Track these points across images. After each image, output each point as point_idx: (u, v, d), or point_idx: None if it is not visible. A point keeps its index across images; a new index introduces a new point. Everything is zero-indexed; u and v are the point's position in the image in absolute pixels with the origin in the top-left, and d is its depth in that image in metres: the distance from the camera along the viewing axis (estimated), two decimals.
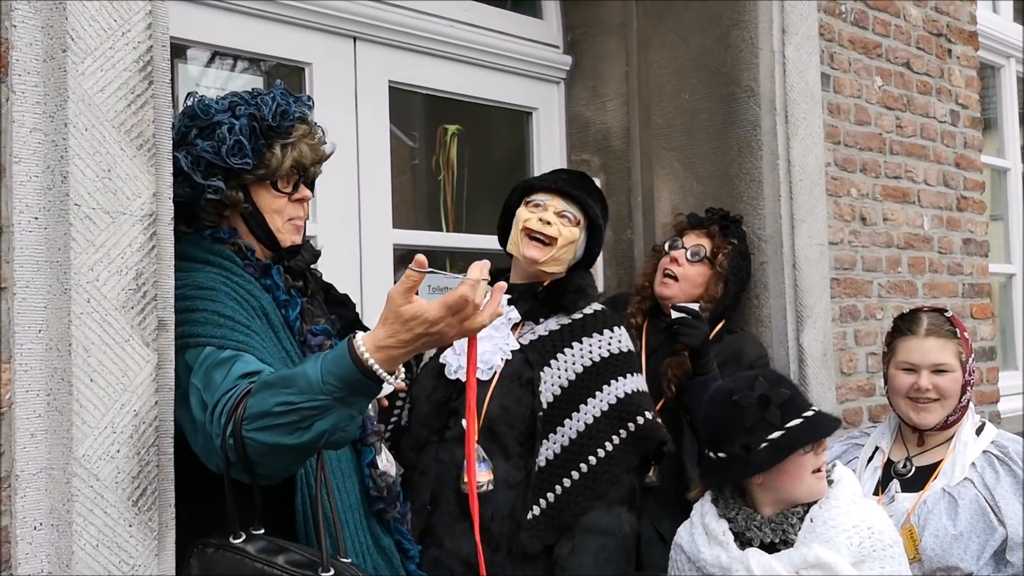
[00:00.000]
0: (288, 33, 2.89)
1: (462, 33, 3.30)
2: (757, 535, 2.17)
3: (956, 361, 2.53)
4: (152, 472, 1.71)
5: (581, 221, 2.50)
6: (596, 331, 2.48)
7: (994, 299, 5.02)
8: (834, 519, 2.12)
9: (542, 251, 2.46)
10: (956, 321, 2.60)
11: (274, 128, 1.88)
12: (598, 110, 3.60)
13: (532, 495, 2.33)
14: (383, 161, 3.11)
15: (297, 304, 1.92)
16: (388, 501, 1.99)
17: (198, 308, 1.77)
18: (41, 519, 1.62)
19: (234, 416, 1.60)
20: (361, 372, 1.58)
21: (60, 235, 1.63)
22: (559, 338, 2.46)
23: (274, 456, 1.62)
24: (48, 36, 1.65)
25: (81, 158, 1.64)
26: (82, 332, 1.63)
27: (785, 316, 3.16)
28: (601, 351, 2.46)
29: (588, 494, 2.34)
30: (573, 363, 2.43)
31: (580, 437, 2.37)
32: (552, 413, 2.38)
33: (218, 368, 1.69)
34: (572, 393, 2.40)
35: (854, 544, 2.09)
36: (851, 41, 3.61)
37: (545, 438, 2.36)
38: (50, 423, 1.63)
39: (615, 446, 2.38)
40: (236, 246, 1.90)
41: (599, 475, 2.35)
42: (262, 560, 1.68)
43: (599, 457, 2.36)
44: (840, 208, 3.49)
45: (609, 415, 2.39)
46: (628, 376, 2.46)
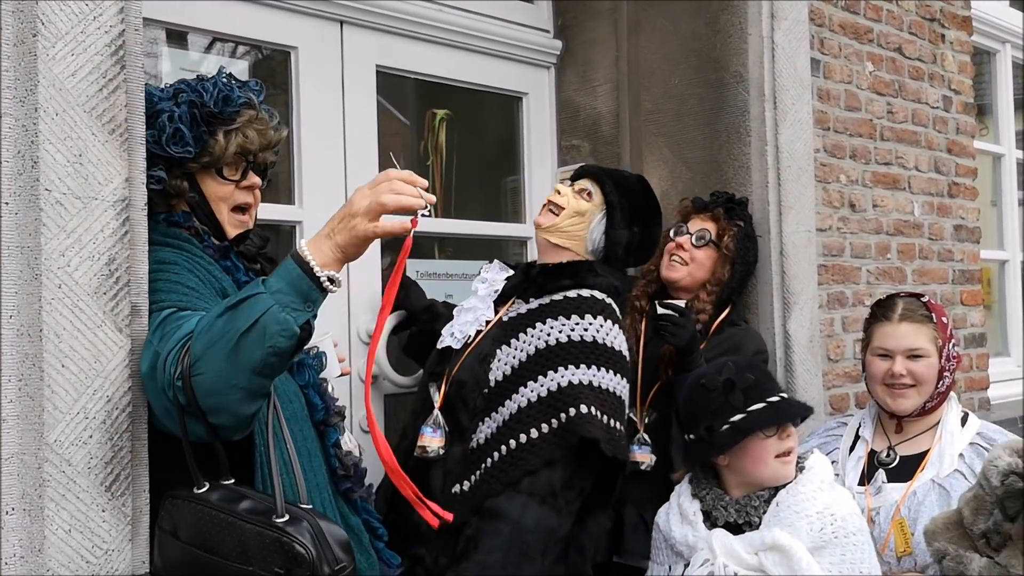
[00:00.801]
0: (274, 17, 2.88)
1: (451, 17, 3.28)
2: (723, 515, 2.23)
3: (931, 346, 2.50)
4: (125, 458, 1.71)
5: (596, 196, 2.54)
6: (564, 315, 2.39)
7: (991, 285, 5.02)
8: (798, 504, 2.15)
9: (547, 217, 2.53)
10: (933, 306, 2.57)
11: (216, 115, 1.87)
12: (588, 95, 3.58)
13: (462, 472, 2.32)
14: (371, 146, 3.10)
15: None
16: (355, 480, 2.01)
17: (160, 279, 1.78)
18: (13, 504, 1.63)
19: (181, 357, 1.61)
20: (295, 261, 1.66)
21: (31, 220, 1.63)
22: (529, 318, 2.44)
23: (221, 385, 1.60)
24: (18, 20, 1.64)
25: (52, 143, 1.64)
26: (53, 318, 1.63)
27: (772, 302, 3.15)
28: (560, 336, 2.36)
29: (500, 477, 2.27)
30: (528, 344, 2.38)
31: (511, 419, 2.31)
32: (497, 391, 2.35)
33: (174, 321, 1.69)
34: (519, 374, 2.35)
35: (815, 530, 2.12)
36: (842, 26, 3.59)
37: (488, 416, 2.34)
38: (21, 408, 1.63)
39: (541, 434, 2.27)
40: (192, 229, 1.91)
41: (515, 460, 2.27)
42: (220, 508, 1.68)
43: (520, 443, 2.28)
44: (829, 194, 3.48)
45: (544, 401, 2.29)
46: (580, 367, 2.31)
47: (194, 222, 1.91)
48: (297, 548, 1.61)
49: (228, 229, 1.95)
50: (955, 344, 2.56)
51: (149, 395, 1.72)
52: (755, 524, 2.19)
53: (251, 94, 1.94)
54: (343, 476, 2.00)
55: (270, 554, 1.62)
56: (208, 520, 1.66)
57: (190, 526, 1.67)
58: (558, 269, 2.50)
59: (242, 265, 1.94)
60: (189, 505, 1.69)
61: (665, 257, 2.97)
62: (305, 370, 1.98)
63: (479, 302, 2.53)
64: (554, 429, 2.28)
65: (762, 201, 3.18)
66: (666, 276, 2.96)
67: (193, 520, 1.67)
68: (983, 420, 2.57)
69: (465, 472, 2.32)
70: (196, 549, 1.65)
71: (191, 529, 1.67)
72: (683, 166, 3.33)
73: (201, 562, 1.65)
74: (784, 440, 2.21)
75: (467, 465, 2.33)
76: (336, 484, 1.98)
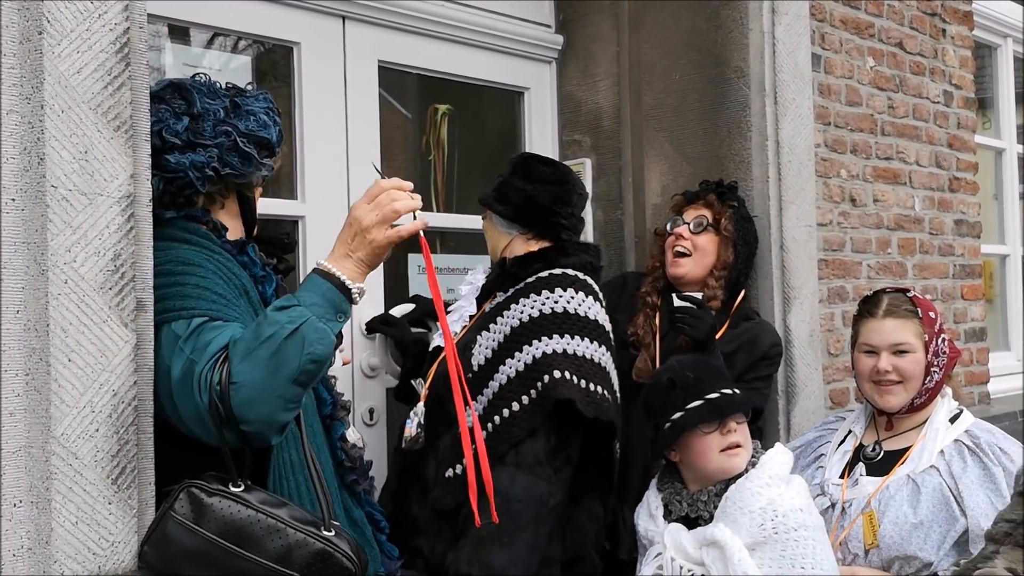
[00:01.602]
0: (277, 12, 2.89)
1: (452, 12, 3.30)
2: (677, 509, 2.30)
3: (917, 341, 2.47)
4: (131, 451, 1.73)
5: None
6: (535, 292, 2.42)
7: (992, 279, 5.03)
8: (743, 499, 2.17)
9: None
10: (919, 301, 2.54)
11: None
12: (589, 90, 3.59)
13: (454, 456, 2.34)
14: (372, 141, 3.11)
15: (273, 280, 1.96)
16: (359, 473, 2.06)
17: (187, 283, 1.80)
18: (21, 496, 1.64)
19: (218, 366, 1.67)
20: (322, 276, 1.79)
21: (37, 216, 1.65)
22: (504, 304, 2.49)
23: (260, 394, 1.66)
24: (24, 18, 1.66)
25: (58, 140, 1.66)
26: (60, 313, 1.65)
27: (772, 297, 3.17)
28: (532, 311, 2.40)
29: (489, 454, 2.23)
30: (504, 326, 2.43)
31: (494, 397, 2.37)
32: (480, 376, 2.40)
33: (209, 332, 1.73)
34: (498, 356, 2.40)
35: (755, 526, 2.13)
36: (843, 21, 3.60)
37: (474, 399, 2.36)
38: (29, 402, 1.65)
39: (522, 406, 2.31)
40: (211, 224, 1.93)
41: (499, 435, 2.31)
42: (264, 511, 1.72)
43: (503, 417, 2.32)
44: (830, 189, 3.49)
45: (523, 375, 2.33)
46: (554, 337, 2.35)
47: (212, 217, 1.95)
48: (345, 563, 1.74)
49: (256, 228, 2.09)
50: (944, 339, 2.53)
51: (178, 401, 1.74)
52: (706, 518, 2.24)
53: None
54: (349, 469, 2.05)
55: (314, 563, 1.71)
56: (248, 519, 1.70)
57: (222, 520, 1.70)
58: (528, 256, 2.55)
59: (259, 260, 1.97)
60: (225, 501, 1.71)
61: (668, 254, 2.97)
62: None
63: (463, 301, 2.60)
64: (532, 399, 2.31)
65: (763, 196, 3.19)
66: (672, 274, 2.96)
67: (229, 515, 1.70)
68: (977, 419, 2.52)
69: (457, 456, 2.32)
70: (226, 543, 1.69)
71: (223, 523, 1.70)
72: (684, 161, 3.35)
73: (226, 555, 1.69)
74: (727, 435, 2.27)
75: (457, 449, 2.30)
76: (341, 477, 2.03)
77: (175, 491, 1.73)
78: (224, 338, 1.72)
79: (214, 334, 1.73)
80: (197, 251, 1.87)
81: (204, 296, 1.79)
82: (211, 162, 1.89)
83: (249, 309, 1.88)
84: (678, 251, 2.94)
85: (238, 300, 1.85)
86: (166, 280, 1.80)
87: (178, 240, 1.88)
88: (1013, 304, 5.12)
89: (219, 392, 1.66)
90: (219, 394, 1.66)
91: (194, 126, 1.89)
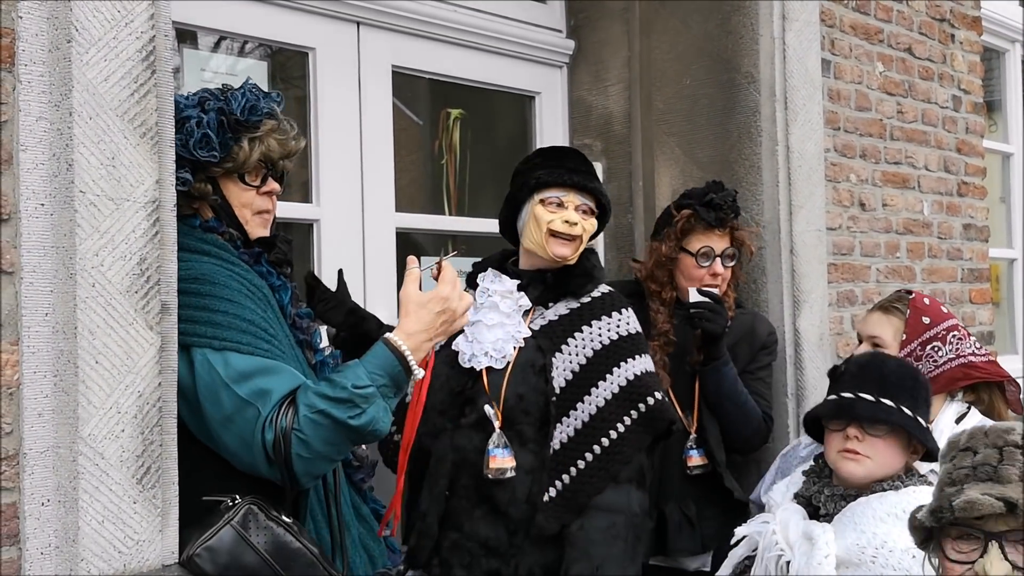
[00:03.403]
0: (292, 18, 2.92)
1: (465, 18, 3.33)
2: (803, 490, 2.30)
3: (891, 339, 2.52)
4: (156, 451, 1.76)
5: (595, 210, 2.54)
6: (605, 314, 2.51)
7: (1000, 283, 5.05)
8: (863, 515, 2.12)
9: (570, 246, 2.48)
10: (916, 304, 2.56)
11: (242, 123, 1.94)
12: (600, 95, 3.62)
13: (548, 478, 2.37)
14: (386, 145, 3.15)
15: (288, 289, 2.00)
16: (366, 471, 2.12)
17: (216, 308, 1.84)
18: (48, 495, 1.68)
19: (285, 411, 1.79)
20: (398, 359, 1.85)
21: (66, 221, 1.68)
22: (568, 323, 2.50)
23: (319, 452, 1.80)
24: (53, 27, 1.69)
25: (86, 146, 1.69)
26: (87, 316, 1.68)
27: (782, 300, 3.20)
28: (610, 334, 2.49)
29: (602, 475, 2.38)
30: (583, 347, 2.47)
31: (592, 420, 2.42)
32: (565, 397, 2.43)
33: (265, 378, 1.81)
34: (583, 377, 2.45)
35: (857, 545, 2.08)
36: (852, 27, 3.62)
37: (559, 422, 2.40)
38: (57, 403, 1.68)
39: (627, 427, 2.42)
40: (227, 234, 1.96)
41: (612, 456, 2.39)
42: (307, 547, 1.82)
43: (612, 439, 2.40)
44: (839, 194, 3.52)
45: (620, 397, 2.43)
46: (636, 358, 2.49)
47: (226, 227, 1.98)
48: None
49: (253, 231, 2.03)
50: (939, 348, 2.50)
51: (218, 430, 1.84)
52: (822, 515, 2.20)
53: (274, 105, 2.01)
54: (356, 468, 2.11)
55: None
56: (297, 551, 1.80)
57: (275, 543, 1.79)
58: (570, 272, 2.53)
59: (274, 270, 2.00)
60: (280, 528, 1.81)
61: (694, 284, 2.86)
62: (326, 370, 2.05)
63: (504, 318, 2.48)
64: (636, 420, 2.44)
65: (772, 200, 3.22)
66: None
67: (282, 541, 1.80)
68: (983, 418, 2.50)
69: (552, 478, 2.38)
70: (276, 565, 1.78)
71: (275, 546, 1.79)
72: (694, 166, 3.37)
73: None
74: (847, 439, 2.19)
75: (552, 471, 2.38)
76: (350, 475, 2.09)
77: (238, 504, 1.79)
78: (285, 387, 1.81)
79: (272, 383, 1.81)
80: (219, 265, 1.90)
81: (236, 326, 1.83)
82: None
83: (278, 324, 1.93)
84: (711, 286, 2.85)
85: (269, 323, 1.89)
86: (192, 300, 1.84)
87: (197, 252, 1.91)
88: (1021, 308, 5.14)
89: (283, 431, 1.77)
90: (283, 433, 1.77)
91: None
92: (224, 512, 1.78)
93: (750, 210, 3.23)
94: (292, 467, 1.79)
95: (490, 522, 2.38)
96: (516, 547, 2.36)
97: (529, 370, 2.43)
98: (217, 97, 1.94)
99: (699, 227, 2.86)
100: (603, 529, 2.35)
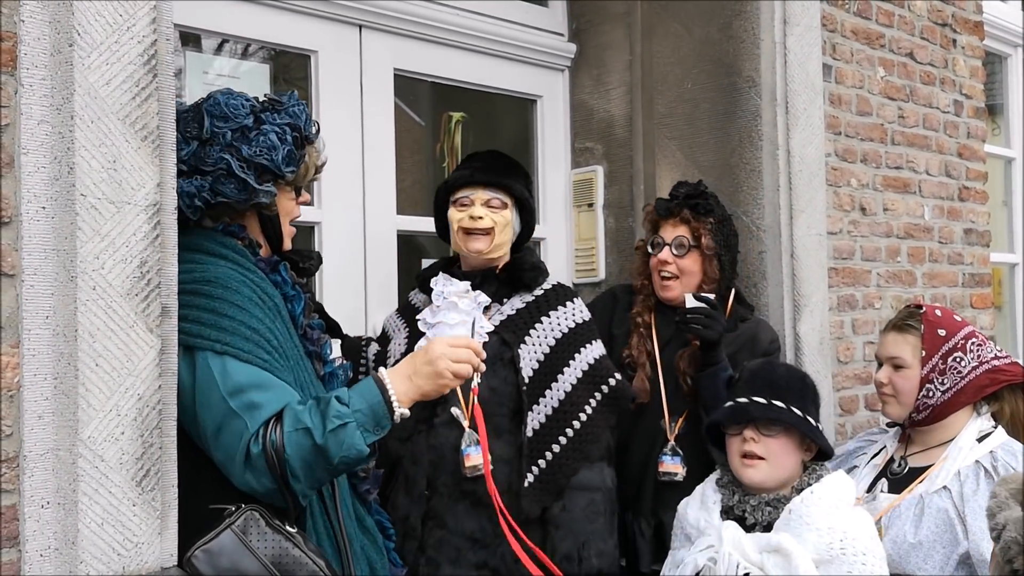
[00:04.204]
0: (294, 21, 2.93)
1: (467, 21, 3.33)
2: (726, 500, 2.37)
3: (911, 357, 2.49)
4: (155, 454, 1.77)
5: (508, 202, 2.64)
6: (560, 304, 2.67)
7: (1001, 287, 5.05)
8: (810, 515, 2.19)
9: (485, 241, 2.61)
10: (929, 318, 2.53)
11: (307, 138, 2.02)
12: (602, 98, 3.63)
13: (525, 464, 2.46)
14: (388, 148, 3.15)
15: (302, 299, 2.01)
16: (371, 483, 2.12)
17: (225, 313, 1.84)
18: (48, 498, 1.68)
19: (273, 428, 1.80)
20: (377, 385, 1.87)
21: (67, 224, 1.69)
22: (528, 315, 2.63)
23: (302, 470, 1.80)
24: (55, 31, 1.70)
25: (87, 149, 1.70)
26: (88, 318, 1.69)
27: (782, 305, 3.20)
28: (567, 322, 2.65)
29: (577, 455, 2.51)
30: (546, 336, 2.61)
31: (562, 404, 2.55)
32: (534, 385, 2.53)
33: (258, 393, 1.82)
34: (549, 364, 2.57)
35: (823, 543, 2.16)
36: (854, 31, 3.63)
37: (530, 409, 2.50)
38: (57, 406, 1.69)
39: (593, 409, 2.58)
40: (246, 241, 1.98)
41: (584, 437, 2.54)
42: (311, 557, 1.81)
43: (582, 421, 2.55)
44: (840, 198, 3.52)
45: (584, 381, 2.59)
46: (592, 343, 2.66)
47: (247, 234, 2.00)
48: None
49: (287, 241, 2.11)
50: (961, 358, 2.48)
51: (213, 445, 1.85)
52: (751, 523, 2.28)
53: None
54: (361, 479, 2.11)
55: None
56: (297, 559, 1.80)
57: (276, 551, 1.80)
58: (519, 267, 2.67)
59: (289, 279, 2.02)
60: (279, 536, 1.81)
61: (654, 276, 2.95)
62: (335, 381, 2.06)
63: (466, 316, 2.55)
64: (600, 401, 2.60)
65: (773, 204, 3.22)
66: (664, 298, 2.94)
67: (282, 549, 1.80)
68: (1009, 439, 2.45)
69: (528, 463, 2.48)
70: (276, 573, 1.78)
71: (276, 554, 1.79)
72: (695, 169, 3.37)
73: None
74: (744, 443, 2.33)
75: (529, 456, 2.48)
76: (354, 487, 2.09)
77: (240, 510, 1.80)
78: (276, 404, 1.82)
79: (265, 397, 1.81)
80: (234, 269, 1.91)
81: (240, 332, 1.83)
82: (202, 191, 1.91)
83: (286, 333, 1.93)
84: (664, 275, 2.92)
85: (274, 331, 1.89)
86: (203, 302, 1.85)
87: (214, 255, 1.92)
88: (1022, 312, 5.13)
89: (274, 446, 1.78)
90: (274, 448, 1.78)
91: (201, 151, 1.92)
92: (226, 517, 1.79)
93: (751, 214, 3.23)
94: (288, 483, 1.80)
95: (473, 515, 2.44)
96: (500, 536, 2.38)
97: (498, 363, 2.50)
98: (278, 109, 2.00)
99: (659, 219, 2.97)
100: (584, 507, 2.49)
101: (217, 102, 1.96)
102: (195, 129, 1.93)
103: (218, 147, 1.92)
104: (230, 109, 1.94)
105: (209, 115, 1.94)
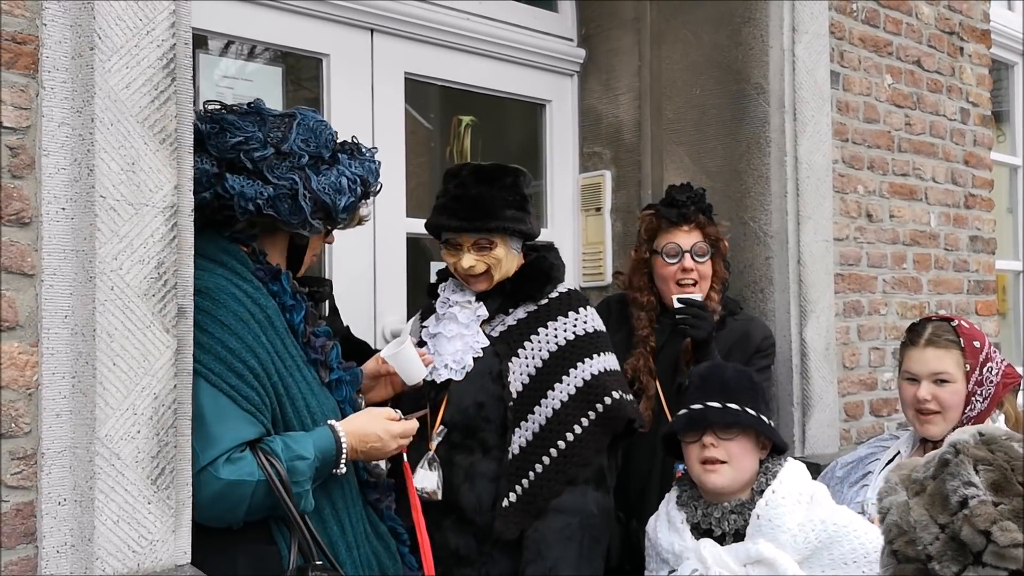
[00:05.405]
0: (306, 24, 2.96)
1: (477, 26, 3.36)
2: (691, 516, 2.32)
3: (957, 371, 2.46)
4: (171, 452, 1.79)
5: (495, 241, 2.47)
6: (561, 314, 2.51)
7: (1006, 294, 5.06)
8: (778, 518, 2.19)
9: (485, 282, 2.50)
10: (963, 330, 2.51)
11: (368, 193, 2.07)
12: (610, 103, 3.65)
13: (506, 483, 2.36)
14: (398, 151, 3.17)
15: (302, 308, 2.01)
16: (382, 490, 2.14)
17: (205, 329, 1.86)
18: (65, 495, 1.70)
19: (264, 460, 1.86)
20: (333, 435, 1.94)
21: (86, 225, 1.71)
22: (526, 326, 2.50)
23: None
24: (76, 35, 1.72)
25: (107, 152, 1.72)
26: (106, 318, 1.71)
27: (789, 310, 3.22)
28: (567, 333, 2.48)
29: (560, 478, 2.36)
30: (539, 350, 2.46)
31: (549, 422, 2.40)
32: (522, 402, 2.41)
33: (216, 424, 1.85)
34: (540, 380, 2.43)
35: (799, 542, 2.17)
36: (862, 39, 3.64)
37: (517, 427, 2.39)
38: (75, 404, 1.71)
39: (584, 428, 2.40)
40: (251, 248, 1.99)
41: (569, 459, 2.38)
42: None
43: (568, 441, 2.38)
44: (847, 205, 3.54)
45: (576, 398, 2.41)
46: (595, 356, 2.47)
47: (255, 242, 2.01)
48: None
49: (303, 269, 2.14)
50: (993, 367, 2.48)
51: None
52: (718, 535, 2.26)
53: None
54: (372, 486, 2.13)
55: None
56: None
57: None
58: (525, 275, 2.53)
59: (289, 289, 2.02)
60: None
61: (669, 284, 2.90)
62: (343, 387, 2.08)
63: (463, 328, 2.50)
64: (594, 420, 2.41)
65: (780, 211, 3.24)
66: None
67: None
68: None
69: (511, 483, 2.36)
70: None
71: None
72: (703, 175, 3.39)
73: None
74: (703, 449, 2.29)
75: (511, 476, 2.37)
76: (365, 495, 2.11)
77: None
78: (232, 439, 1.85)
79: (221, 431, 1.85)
80: (228, 279, 1.93)
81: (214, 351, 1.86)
82: (259, 198, 1.92)
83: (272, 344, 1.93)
84: (685, 282, 2.88)
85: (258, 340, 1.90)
86: None
87: (213, 260, 1.94)
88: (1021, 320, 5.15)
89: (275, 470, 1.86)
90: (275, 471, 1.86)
91: (273, 159, 1.93)
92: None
93: (758, 220, 3.25)
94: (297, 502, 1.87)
95: (458, 531, 2.39)
96: (485, 555, 2.37)
97: (487, 377, 2.44)
98: (359, 156, 2.06)
99: (664, 226, 2.91)
100: (557, 530, 2.33)
101: (307, 121, 1.98)
102: (278, 136, 1.94)
103: (291, 165, 1.94)
104: (316, 134, 1.96)
105: (302, 131, 1.96)
